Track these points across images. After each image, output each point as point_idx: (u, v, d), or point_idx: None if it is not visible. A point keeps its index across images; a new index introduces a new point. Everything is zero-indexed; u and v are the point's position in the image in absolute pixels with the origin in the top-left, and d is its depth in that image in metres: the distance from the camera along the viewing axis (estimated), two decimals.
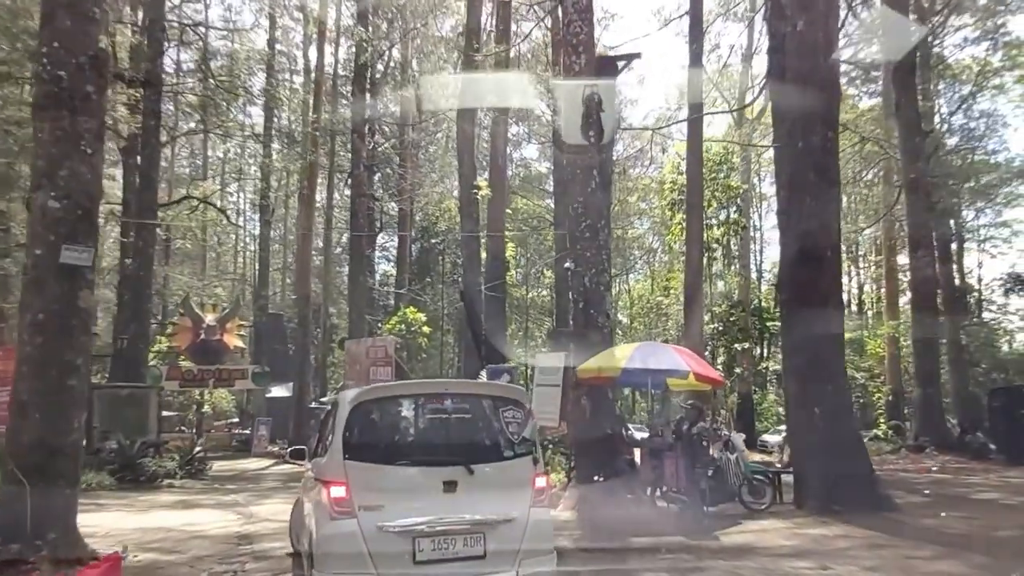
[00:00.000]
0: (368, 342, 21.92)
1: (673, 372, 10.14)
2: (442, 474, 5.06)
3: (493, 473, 5.23)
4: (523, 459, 5.38)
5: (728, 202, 22.55)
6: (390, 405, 5.55)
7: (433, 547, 4.86)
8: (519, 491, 5.24)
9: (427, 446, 5.46)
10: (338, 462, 5.01)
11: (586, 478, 11.89)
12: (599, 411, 12.60)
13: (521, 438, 5.39)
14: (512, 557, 5.04)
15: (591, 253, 12.89)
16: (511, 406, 5.49)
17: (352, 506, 4.85)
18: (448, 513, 4.92)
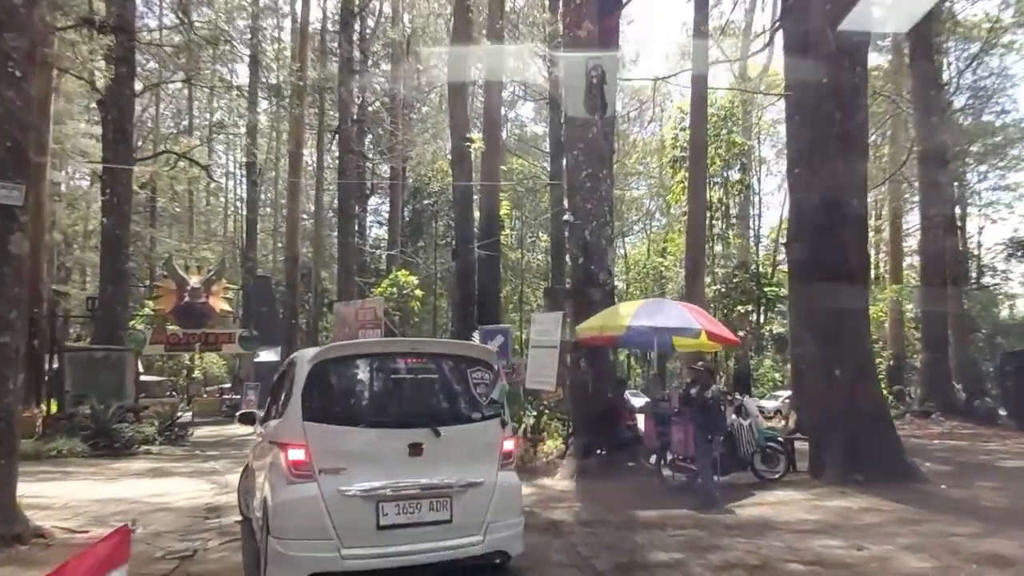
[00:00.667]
0: (357, 304, 20.86)
1: (684, 331, 9.12)
2: (407, 436, 4.81)
3: (460, 436, 4.99)
4: (491, 421, 5.16)
5: (731, 160, 21.40)
6: (352, 365, 5.18)
7: (398, 512, 4.65)
8: (487, 455, 5.06)
9: (392, 407, 5.17)
10: (296, 424, 4.73)
11: (585, 446, 10.96)
12: (599, 374, 11.62)
13: (489, 400, 5.18)
14: (479, 522, 4.86)
15: (592, 204, 11.78)
16: (479, 367, 5.24)
17: (311, 469, 4.59)
18: (413, 477, 4.72)
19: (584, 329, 9.88)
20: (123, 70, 19.05)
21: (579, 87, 11.82)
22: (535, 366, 12.25)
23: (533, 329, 12.52)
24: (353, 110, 24.25)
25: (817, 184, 10.11)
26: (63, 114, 32.65)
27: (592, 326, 9.71)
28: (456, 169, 17.65)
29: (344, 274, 23.52)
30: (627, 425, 11.20)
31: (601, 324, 9.46)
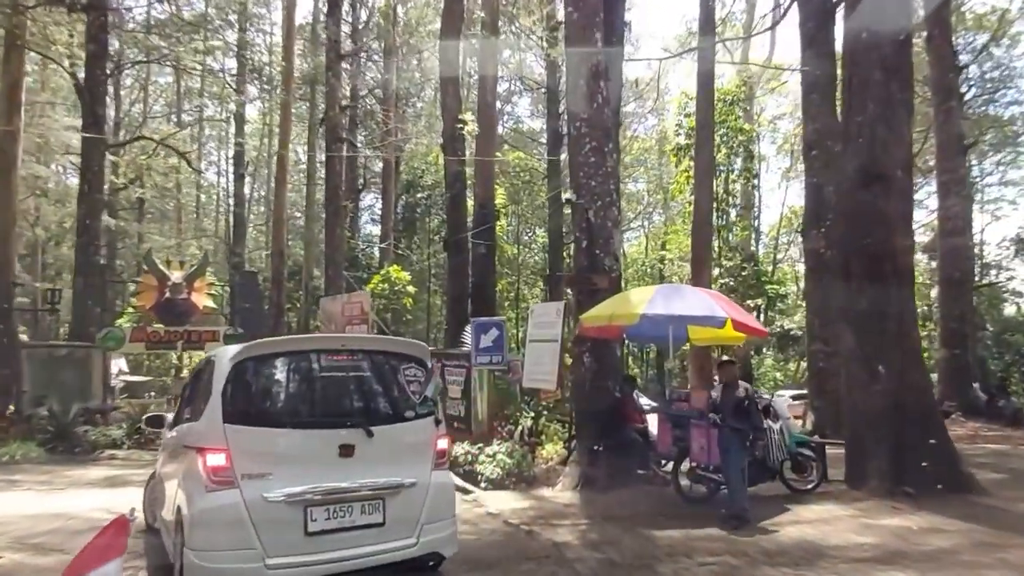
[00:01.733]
0: (343, 299, 19.45)
1: (706, 320, 7.74)
2: (338, 437, 4.57)
3: (393, 436, 4.79)
4: (425, 420, 4.97)
5: (738, 148, 20.07)
6: (279, 362, 4.81)
7: (327, 516, 4.41)
8: (421, 454, 4.87)
9: (321, 407, 4.86)
10: (216, 426, 4.41)
11: (590, 451, 9.56)
12: (605, 371, 10.24)
13: (423, 398, 4.99)
14: (413, 524, 4.66)
15: (596, 182, 10.39)
16: (413, 364, 5.04)
17: (233, 475, 4.29)
18: (344, 479, 4.48)
19: (590, 319, 8.48)
20: (93, 47, 17.61)
21: (582, 50, 10.44)
22: (533, 362, 10.87)
23: (531, 321, 11.13)
24: (341, 95, 22.81)
25: (855, 157, 8.72)
26: (46, 107, 31.28)
27: (600, 315, 8.32)
28: (448, 153, 16.26)
29: (332, 268, 22.08)
30: (636, 428, 9.81)
31: (611, 313, 8.06)
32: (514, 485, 9.70)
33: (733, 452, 7.04)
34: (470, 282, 15.95)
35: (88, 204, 18.09)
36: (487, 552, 6.49)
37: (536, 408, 13.02)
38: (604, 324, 8.32)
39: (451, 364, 12.63)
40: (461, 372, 12.15)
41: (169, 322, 24.76)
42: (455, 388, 12.38)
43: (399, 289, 25.27)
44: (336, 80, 21.20)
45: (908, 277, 8.59)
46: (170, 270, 24.55)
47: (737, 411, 6.93)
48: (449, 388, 12.59)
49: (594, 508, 8.19)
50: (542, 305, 12.39)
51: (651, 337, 10.65)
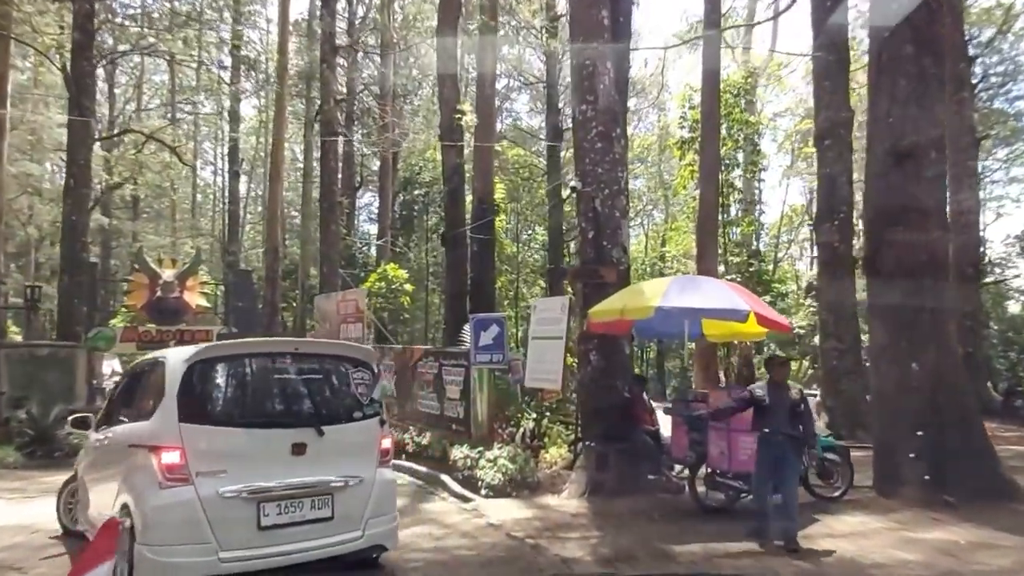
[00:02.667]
0: (338, 296, 18.71)
1: (727, 313, 7.03)
2: (290, 436, 4.76)
3: (342, 435, 4.98)
4: (371, 421, 5.19)
5: (744, 141, 19.38)
6: (233, 364, 4.97)
7: (279, 511, 4.59)
8: (367, 452, 5.10)
9: (275, 407, 5.07)
10: (171, 425, 4.54)
11: (598, 456, 8.86)
12: (613, 369, 9.53)
13: (370, 399, 5.21)
14: (359, 518, 4.89)
15: (603, 169, 9.69)
16: (360, 367, 5.28)
17: (188, 472, 4.43)
18: (296, 476, 4.67)
19: (600, 314, 7.77)
20: (79, 36, 16.88)
21: (588, 27, 9.73)
22: (536, 360, 10.16)
23: (534, 318, 10.42)
24: (336, 89, 22.07)
25: (885, 137, 8.01)
26: (39, 103, 30.50)
27: (609, 309, 7.60)
28: (446, 146, 15.52)
29: (327, 265, 21.32)
30: (647, 430, 9.10)
31: (622, 307, 7.34)
32: (516, 492, 8.99)
33: (791, 465, 6.13)
34: (469, 278, 15.21)
35: (74, 199, 17.35)
36: (489, 570, 5.79)
37: (537, 409, 12.32)
38: (614, 319, 7.61)
39: (449, 363, 11.91)
40: (460, 371, 11.43)
41: (161, 321, 23.96)
42: (453, 388, 11.65)
43: (396, 287, 24.53)
44: (331, 73, 20.47)
45: (943, 266, 7.88)
46: (162, 268, 23.79)
47: (792, 416, 6.06)
48: (447, 388, 11.87)
49: (605, 518, 7.49)
50: (545, 300, 11.67)
51: (662, 333, 9.94)
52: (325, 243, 21.65)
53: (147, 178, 34.04)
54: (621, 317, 7.36)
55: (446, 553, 6.44)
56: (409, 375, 13.61)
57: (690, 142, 19.42)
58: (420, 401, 13.00)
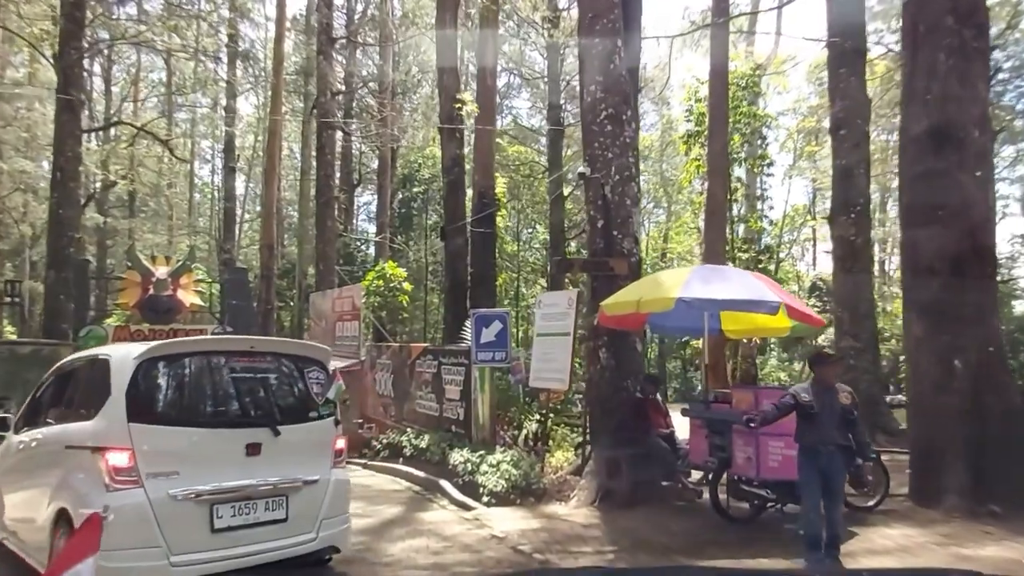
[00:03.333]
0: (333, 293, 18.03)
1: (755, 305, 6.34)
2: (245, 436, 4.62)
3: (298, 435, 4.86)
4: (326, 421, 5.08)
5: (752, 136, 18.71)
6: (186, 362, 4.72)
7: (233, 513, 4.44)
8: (322, 453, 5.00)
9: (229, 407, 4.89)
10: (119, 426, 4.31)
11: (609, 461, 8.15)
12: (625, 367, 8.84)
13: (325, 399, 5.09)
14: (314, 519, 4.79)
15: (613, 153, 9.00)
16: (315, 367, 5.16)
17: (137, 474, 4.23)
18: (251, 477, 4.52)
19: (613, 307, 7.07)
20: (67, 24, 16.20)
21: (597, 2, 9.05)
22: (542, 359, 9.45)
23: (538, 313, 9.71)
24: (334, 81, 21.34)
25: (922, 117, 7.32)
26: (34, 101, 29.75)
27: (624, 301, 6.90)
28: (444, 135, 14.83)
29: (324, 262, 20.61)
30: (661, 433, 8.41)
31: (638, 298, 6.64)
32: (521, 499, 8.28)
33: (841, 479, 5.31)
34: (469, 274, 14.51)
35: (62, 193, 16.62)
36: None
37: (540, 409, 11.64)
38: (629, 312, 6.91)
39: (448, 362, 11.22)
40: (460, 371, 10.74)
41: (154, 320, 23.25)
42: (453, 388, 10.96)
43: (395, 286, 23.81)
44: (328, 65, 19.77)
45: (989, 256, 7.19)
46: (155, 266, 23.11)
47: (843, 424, 5.21)
48: (447, 388, 11.18)
49: (618, 530, 6.79)
50: (551, 294, 10.98)
51: (678, 328, 9.24)
52: (322, 240, 20.95)
53: (144, 176, 33.44)
54: (637, 310, 6.67)
55: (445, 571, 5.75)
56: (406, 374, 12.92)
57: (696, 136, 18.76)
58: (418, 402, 12.30)
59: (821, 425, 5.12)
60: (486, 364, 9.96)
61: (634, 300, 6.68)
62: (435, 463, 10.24)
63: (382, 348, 14.93)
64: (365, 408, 15.05)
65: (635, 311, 6.72)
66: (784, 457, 6.23)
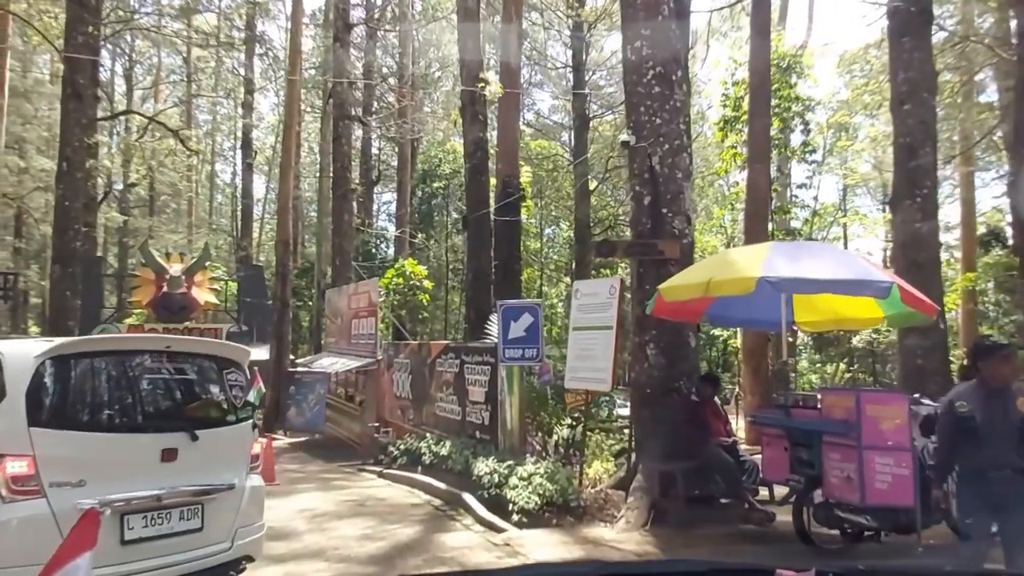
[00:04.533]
0: (349, 289, 16.88)
1: (861, 287, 4.98)
2: (160, 441, 4.30)
3: (216, 440, 4.55)
4: (245, 425, 4.82)
5: (792, 120, 17.26)
6: (95, 362, 4.31)
7: (145, 524, 4.12)
8: (239, 459, 4.71)
9: (143, 410, 4.56)
10: (18, 431, 3.89)
11: (663, 476, 6.84)
12: (676, 365, 7.54)
13: (244, 402, 4.86)
14: (229, 528, 4.48)
15: (661, 119, 7.71)
16: (233, 368, 4.86)
17: (39, 483, 3.85)
18: (166, 484, 4.19)
19: (674, 291, 5.75)
20: (71, 6, 15.24)
21: None
22: (579, 356, 8.16)
23: (575, 304, 8.42)
24: (350, 68, 20.22)
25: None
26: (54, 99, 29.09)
27: (690, 284, 5.59)
28: (466, 117, 13.62)
29: (340, 258, 19.48)
30: (721, 442, 7.07)
31: (707, 280, 5.32)
32: (558, 519, 7.00)
33: (1019, 513, 3.81)
34: (493, 265, 13.25)
35: (67, 184, 15.66)
36: None
37: (571, 413, 10.35)
38: (694, 297, 5.60)
39: (472, 360, 9.96)
40: (485, 370, 9.48)
41: (167, 319, 22.33)
42: (477, 390, 9.70)
43: (415, 284, 22.67)
44: (344, 51, 18.65)
45: None
46: (169, 263, 22.20)
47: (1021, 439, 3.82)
48: (470, 390, 9.92)
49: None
50: (589, 282, 9.65)
51: (742, 319, 7.86)
52: (338, 234, 19.83)
53: (164, 176, 32.74)
54: (705, 294, 5.35)
55: None
56: (426, 374, 11.69)
57: (733, 122, 17.38)
58: (438, 404, 11.07)
59: (989, 441, 3.73)
60: (515, 362, 8.70)
61: (701, 282, 5.35)
62: (457, 473, 9.00)
63: (400, 346, 13.73)
64: (382, 411, 13.85)
65: (703, 295, 5.40)
66: (895, 478, 4.90)
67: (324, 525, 7.32)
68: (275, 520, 7.59)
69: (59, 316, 15.62)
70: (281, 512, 7.99)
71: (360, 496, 9.02)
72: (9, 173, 27.65)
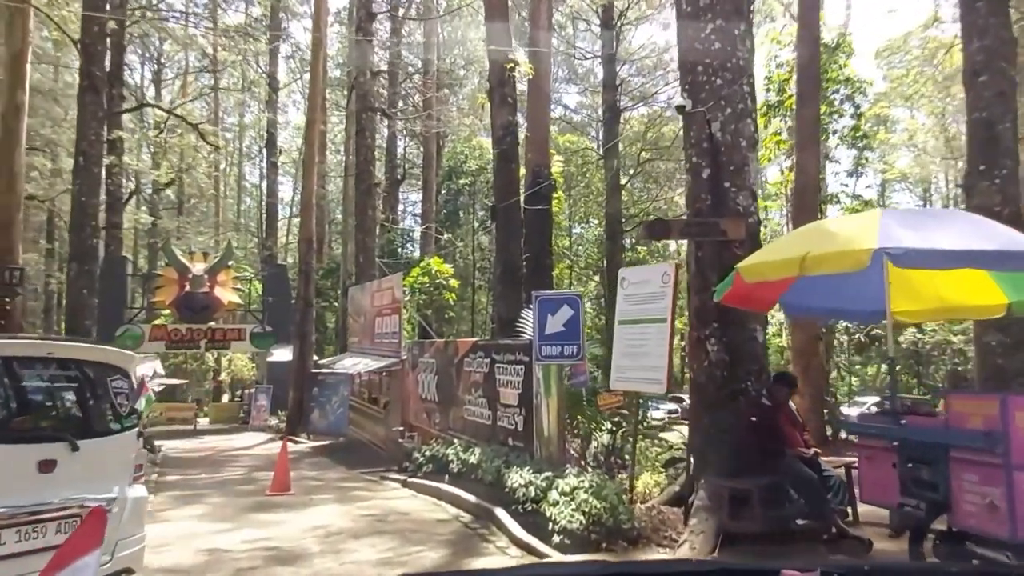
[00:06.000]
0: (372, 286, 15.95)
1: (1013, 260, 3.80)
2: (38, 451, 4.01)
3: (99, 449, 4.29)
4: (129, 433, 4.57)
5: (842, 104, 15.95)
6: None
7: (19, 538, 3.85)
8: (122, 469, 4.48)
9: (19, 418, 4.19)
10: None
11: (732, 495, 5.72)
12: (742, 363, 6.43)
13: (130, 410, 4.57)
14: (110, 542, 4.12)
15: (723, 79, 6.60)
16: (118, 375, 4.56)
17: None
18: (43, 496, 3.95)
19: (757, 270, 4.63)
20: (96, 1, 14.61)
21: None
22: (626, 353, 7.05)
23: (621, 294, 7.31)
24: (372, 59, 19.35)
25: None
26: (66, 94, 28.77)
27: (777, 260, 4.47)
28: (495, 101, 12.61)
29: (364, 254, 18.61)
30: (800, 455, 5.91)
31: (803, 255, 4.19)
32: (607, 543, 5.91)
33: None
34: (523, 258, 12.20)
35: (84, 179, 15.02)
36: None
37: (610, 417, 9.25)
38: (784, 277, 4.47)
39: (504, 360, 8.92)
40: (518, 370, 8.43)
41: (191, 319, 21.67)
42: (509, 392, 8.65)
43: (441, 283, 21.72)
44: (367, 41, 17.78)
45: None
46: (192, 262, 21.55)
47: None
48: (501, 392, 8.88)
49: None
50: (638, 269, 8.54)
51: (827, 309, 6.67)
52: (362, 230, 18.96)
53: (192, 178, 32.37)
54: (801, 272, 4.21)
55: None
56: (453, 375, 10.68)
57: (777, 107, 16.13)
58: (467, 408, 10.04)
59: None
60: (552, 361, 7.63)
61: (794, 258, 4.23)
62: (488, 484, 7.96)
63: (425, 345, 12.75)
64: (406, 414, 12.88)
65: (797, 273, 4.27)
66: None
67: (339, 546, 6.33)
68: (284, 539, 6.64)
69: (76, 315, 14.95)
70: (292, 529, 7.03)
71: (381, 510, 8.03)
72: (40, 176, 27.42)
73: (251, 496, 9.11)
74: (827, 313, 8.05)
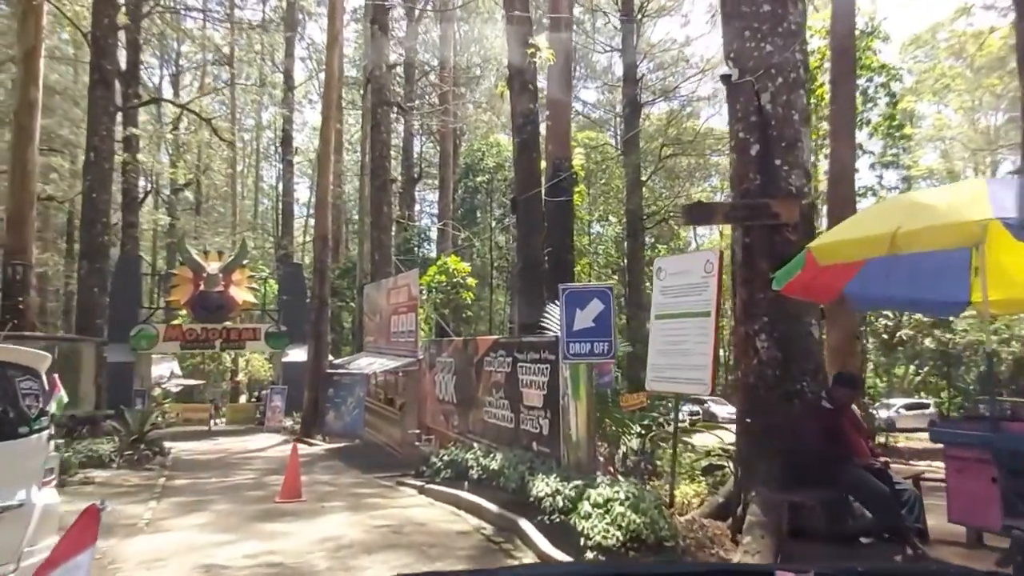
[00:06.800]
0: (388, 283, 15.35)
1: None
2: None
3: (6, 453, 4.17)
4: (39, 436, 4.41)
5: (876, 92, 15.11)
6: None
7: None
8: (32, 473, 4.32)
9: None
10: None
11: (791, 509, 5.01)
12: (796, 362, 5.71)
13: (40, 411, 4.43)
14: (16, 549, 4.01)
15: (772, 46, 5.90)
16: (28, 376, 4.45)
17: None
18: None
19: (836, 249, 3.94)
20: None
21: None
22: (664, 350, 6.36)
23: (657, 286, 6.62)
24: (387, 53, 18.79)
25: None
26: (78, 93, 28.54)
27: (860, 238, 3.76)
28: (514, 88, 11.95)
29: (379, 252, 18.04)
30: (867, 465, 5.19)
31: (893, 230, 3.48)
32: (646, 559, 5.18)
33: None
34: (545, 252, 11.53)
35: (94, 174, 14.58)
36: None
37: (639, 419, 8.55)
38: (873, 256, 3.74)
39: (527, 358, 8.25)
40: (543, 369, 7.76)
41: (205, 318, 21.28)
42: (533, 393, 7.98)
43: (458, 282, 21.11)
44: (383, 34, 17.23)
45: None
46: (207, 261, 21.16)
47: None
48: (525, 393, 8.21)
49: None
50: (677, 259, 7.86)
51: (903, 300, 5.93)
52: (377, 227, 18.40)
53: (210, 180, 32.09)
54: (892, 250, 3.50)
55: None
56: (472, 375, 10.02)
57: (809, 94, 15.31)
58: (487, 410, 9.39)
59: None
60: (581, 359, 6.94)
61: (883, 234, 3.52)
62: (511, 492, 7.30)
63: (442, 344, 12.11)
64: (423, 416, 12.26)
65: (887, 251, 3.55)
66: None
67: (349, 562, 5.69)
68: (290, 554, 6.04)
69: (86, 314, 14.49)
70: (299, 542, 6.41)
71: (397, 520, 7.39)
72: (59, 178, 27.23)
73: (259, 503, 8.53)
74: (897, 304, 7.29)
